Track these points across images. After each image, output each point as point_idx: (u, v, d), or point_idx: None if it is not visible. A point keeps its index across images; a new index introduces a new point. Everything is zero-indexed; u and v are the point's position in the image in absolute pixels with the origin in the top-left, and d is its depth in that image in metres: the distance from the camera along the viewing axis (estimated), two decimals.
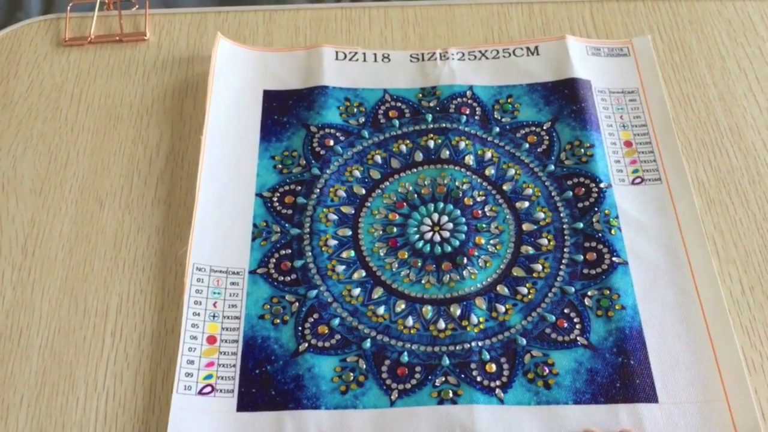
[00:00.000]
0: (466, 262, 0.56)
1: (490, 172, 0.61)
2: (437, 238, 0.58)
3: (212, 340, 0.53)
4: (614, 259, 0.56)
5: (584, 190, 0.60)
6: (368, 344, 0.53)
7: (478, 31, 0.70)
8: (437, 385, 0.51)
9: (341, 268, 0.56)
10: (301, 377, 0.51)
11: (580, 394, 0.51)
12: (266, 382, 0.51)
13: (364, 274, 0.56)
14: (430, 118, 0.64)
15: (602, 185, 0.60)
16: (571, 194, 0.60)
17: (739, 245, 0.58)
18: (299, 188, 0.60)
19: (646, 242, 0.57)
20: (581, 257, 0.56)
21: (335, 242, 0.58)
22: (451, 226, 0.59)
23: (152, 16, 0.71)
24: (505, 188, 0.60)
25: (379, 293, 0.55)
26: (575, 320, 0.54)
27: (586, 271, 0.56)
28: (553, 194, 0.60)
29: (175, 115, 0.65)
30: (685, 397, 0.50)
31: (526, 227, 0.58)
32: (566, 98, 0.64)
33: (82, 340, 0.54)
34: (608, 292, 0.55)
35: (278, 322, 0.54)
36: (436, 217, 0.59)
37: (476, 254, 0.57)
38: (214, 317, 0.54)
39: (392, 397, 0.51)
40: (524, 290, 0.55)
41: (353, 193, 0.60)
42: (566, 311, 0.54)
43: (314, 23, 0.71)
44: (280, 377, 0.52)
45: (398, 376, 0.52)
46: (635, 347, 0.52)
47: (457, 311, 0.54)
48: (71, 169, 0.62)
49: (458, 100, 0.65)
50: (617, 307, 0.54)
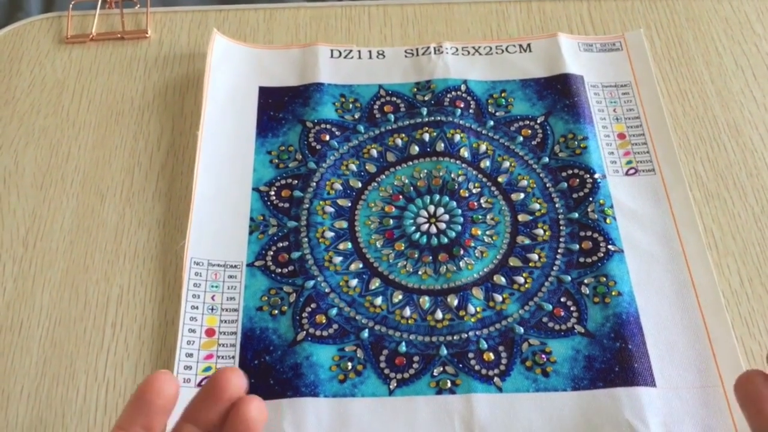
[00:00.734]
0: (462, 252, 0.57)
1: (485, 164, 0.61)
2: (433, 229, 0.58)
3: (211, 332, 0.54)
4: (610, 247, 0.56)
5: (578, 181, 0.60)
6: (366, 334, 0.53)
7: (476, 28, 0.71)
8: (435, 374, 0.52)
9: (338, 259, 0.57)
10: (299, 365, 0.52)
11: (578, 380, 0.51)
12: (265, 372, 0.52)
13: (361, 265, 0.57)
14: (425, 111, 0.64)
15: (596, 176, 0.60)
16: (565, 185, 0.60)
17: (737, 238, 0.58)
18: (296, 182, 0.61)
19: (640, 231, 0.58)
20: (577, 246, 0.57)
21: (332, 234, 0.58)
22: (447, 217, 0.59)
23: (153, 14, 0.72)
24: (500, 180, 0.61)
25: (376, 284, 0.56)
26: (572, 309, 0.54)
27: (582, 259, 0.56)
28: (547, 185, 0.60)
29: (175, 110, 0.66)
30: (681, 382, 0.51)
31: (521, 218, 0.59)
32: (559, 93, 0.65)
33: (82, 331, 0.54)
34: (604, 279, 0.55)
35: (276, 313, 0.54)
36: (432, 209, 0.59)
37: (473, 245, 0.57)
38: (212, 310, 0.55)
39: (391, 386, 0.51)
40: (521, 279, 0.55)
41: (349, 186, 0.61)
42: (563, 300, 0.54)
43: (314, 21, 0.72)
44: (278, 367, 0.52)
45: (396, 365, 0.52)
46: (632, 332, 0.52)
47: (454, 301, 0.55)
48: (72, 163, 0.63)
49: (453, 93, 0.65)
50: (614, 293, 0.54)
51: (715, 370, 0.51)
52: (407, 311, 0.54)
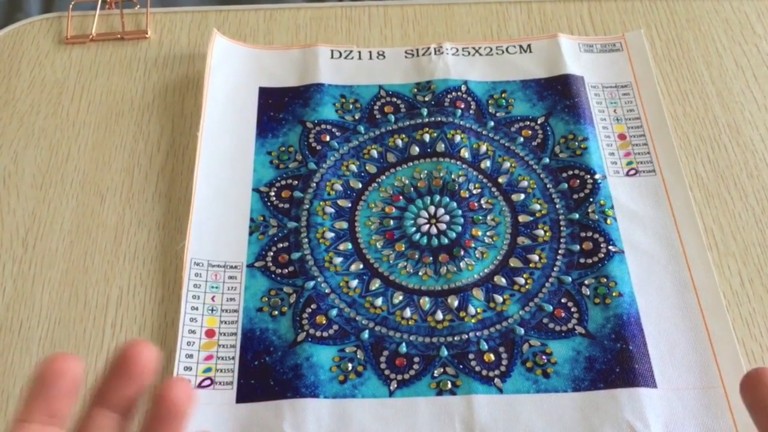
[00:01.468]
0: (463, 253, 0.57)
1: (485, 165, 0.61)
2: (434, 230, 0.58)
3: (211, 333, 0.54)
4: (610, 248, 0.56)
5: (579, 181, 0.60)
6: (366, 335, 0.53)
7: (477, 29, 0.71)
8: (436, 375, 0.51)
9: (339, 260, 0.57)
10: (299, 366, 0.52)
11: (579, 381, 0.51)
12: (265, 373, 0.52)
13: (361, 266, 0.57)
14: (425, 112, 0.64)
15: (597, 177, 0.60)
16: (566, 186, 0.60)
17: (738, 238, 0.58)
18: (296, 183, 0.61)
19: (641, 232, 0.57)
20: (577, 247, 0.57)
21: (332, 235, 0.58)
22: (447, 218, 0.59)
23: (153, 14, 0.72)
24: (500, 181, 0.61)
25: (376, 285, 0.56)
26: (573, 310, 0.54)
27: (582, 260, 0.56)
28: (548, 186, 0.60)
29: (175, 111, 0.66)
30: (682, 383, 0.51)
31: (522, 219, 0.59)
32: (559, 94, 0.65)
33: (82, 331, 0.54)
34: (605, 280, 0.55)
35: (276, 313, 0.54)
36: (432, 209, 0.59)
37: (473, 246, 0.57)
38: (212, 311, 0.55)
39: (391, 387, 0.51)
40: (521, 280, 0.55)
41: (350, 186, 0.61)
42: (563, 301, 0.54)
43: (314, 22, 0.72)
44: (278, 368, 0.52)
45: (397, 366, 0.52)
46: (633, 333, 0.52)
47: (454, 302, 0.54)
48: (72, 163, 0.63)
49: (453, 94, 0.65)
50: (614, 294, 0.54)
51: (715, 371, 0.51)
52: (407, 312, 0.54)
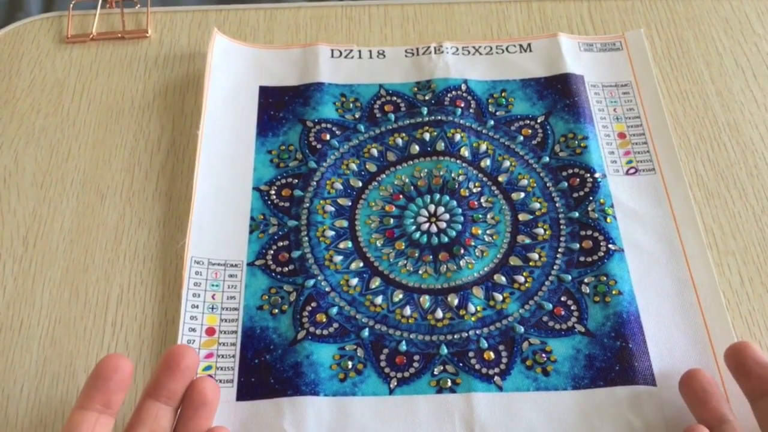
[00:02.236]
0: (463, 252, 0.57)
1: (485, 163, 0.61)
2: (434, 228, 0.58)
3: (211, 331, 0.54)
4: (610, 246, 0.56)
5: (579, 180, 0.60)
6: (366, 333, 0.53)
7: (477, 28, 0.71)
8: (436, 374, 0.52)
9: (339, 258, 0.57)
10: (299, 364, 0.52)
11: (578, 379, 0.51)
12: (265, 371, 0.52)
13: (361, 264, 0.57)
14: (425, 111, 0.64)
15: (597, 175, 0.60)
16: (566, 185, 0.60)
17: (737, 237, 0.58)
18: (296, 181, 0.61)
19: (641, 231, 0.58)
20: (577, 245, 0.57)
21: (332, 233, 0.58)
22: (447, 216, 0.59)
23: (154, 13, 0.72)
24: (500, 179, 0.61)
25: (376, 283, 0.56)
26: (572, 308, 0.54)
27: (582, 258, 0.56)
28: (548, 185, 0.60)
29: (176, 110, 0.66)
30: None
31: (522, 217, 0.59)
32: (559, 93, 0.65)
33: (82, 330, 0.54)
34: (605, 278, 0.55)
35: (276, 312, 0.54)
36: (432, 208, 0.59)
37: (473, 244, 0.57)
38: (212, 309, 0.55)
39: (391, 385, 0.51)
40: (521, 279, 0.56)
41: (350, 185, 0.61)
42: (563, 299, 0.54)
43: (314, 21, 0.72)
44: (278, 366, 0.52)
45: (397, 364, 0.52)
46: (633, 331, 0.52)
47: (454, 300, 0.55)
48: (72, 162, 0.63)
49: (453, 93, 0.65)
50: (614, 292, 0.54)
51: (715, 369, 0.51)
52: (407, 310, 0.54)
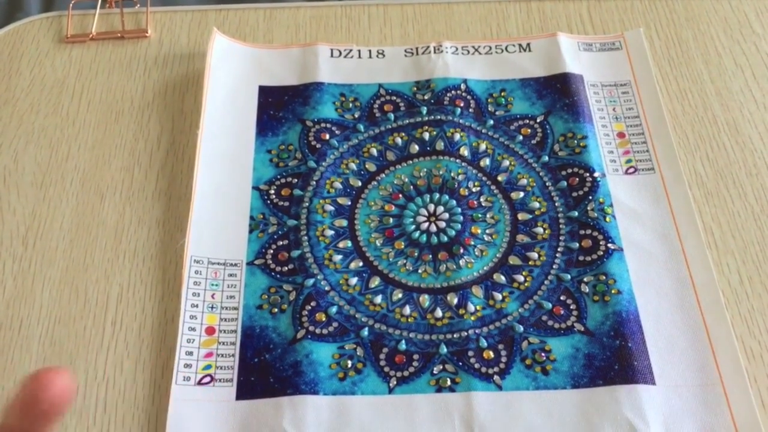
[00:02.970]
0: (462, 251, 0.57)
1: (484, 163, 0.62)
2: (433, 228, 0.58)
3: (211, 330, 0.54)
4: (609, 245, 0.56)
5: (578, 179, 0.60)
6: (366, 332, 0.53)
7: (476, 28, 0.71)
8: (435, 373, 0.52)
9: (338, 257, 0.57)
10: (299, 363, 0.52)
11: (578, 378, 0.51)
12: (265, 370, 0.52)
13: (361, 263, 0.57)
14: (424, 110, 0.65)
15: (596, 175, 0.60)
16: (565, 184, 0.60)
17: (737, 236, 0.58)
18: (296, 181, 0.61)
19: (640, 230, 0.58)
20: (577, 245, 0.57)
21: (332, 232, 0.58)
22: (447, 216, 0.59)
23: (153, 13, 0.72)
24: (499, 179, 0.61)
25: (376, 282, 0.56)
26: (572, 307, 0.54)
27: (581, 258, 0.56)
28: (547, 184, 0.60)
29: (175, 109, 0.66)
30: (681, 380, 0.51)
31: (521, 217, 0.59)
32: (559, 92, 0.65)
33: (82, 329, 0.54)
34: (604, 277, 0.55)
35: (276, 311, 0.54)
36: (432, 207, 0.59)
37: (472, 243, 0.57)
38: (212, 308, 0.55)
39: (390, 384, 0.51)
40: (521, 278, 0.56)
41: (349, 185, 0.61)
42: (563, 298, 0.54)
43: (314, 21, 0.72)
44: (278, 365, 0.52)
45: (396, 363, 0.52)
46: (632, 330, 0.52)
47: (454, 300, 0.55)
48: (72, 162, 0.63)
49: (452, 92, 0.65)
50: (614, 291, 0.54)
51: (714, 368, 0.51)
52: (407, 309, 0.54)
